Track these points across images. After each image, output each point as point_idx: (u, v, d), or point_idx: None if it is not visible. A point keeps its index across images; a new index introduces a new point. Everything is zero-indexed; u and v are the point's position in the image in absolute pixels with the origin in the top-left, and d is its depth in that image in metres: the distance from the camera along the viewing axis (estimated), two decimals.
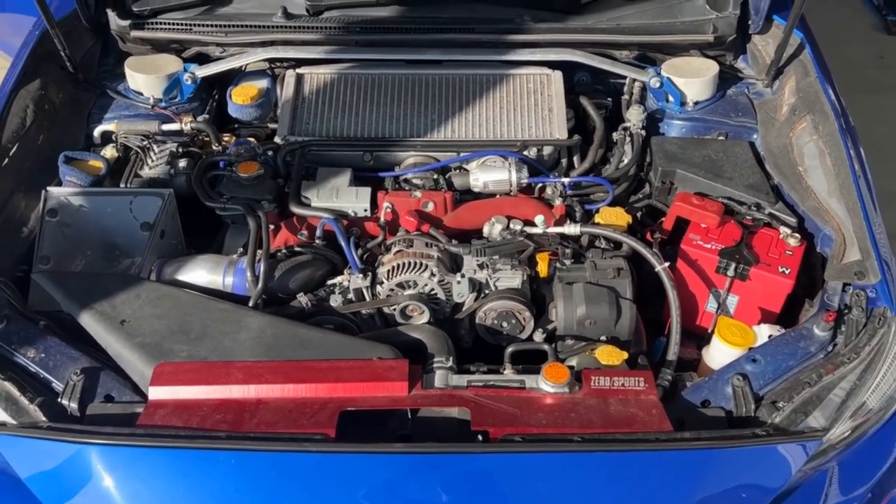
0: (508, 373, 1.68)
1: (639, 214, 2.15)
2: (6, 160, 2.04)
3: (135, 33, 2.39)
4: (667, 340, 1.82)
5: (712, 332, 1.86)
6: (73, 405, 1.61)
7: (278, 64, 2.44)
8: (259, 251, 1.89)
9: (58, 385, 1.66)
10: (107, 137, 2.28)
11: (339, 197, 2.04)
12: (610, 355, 1.72)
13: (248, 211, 1.98)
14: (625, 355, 1.73)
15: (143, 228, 1.97)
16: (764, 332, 1.82)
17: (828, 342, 1.73)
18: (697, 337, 1.98)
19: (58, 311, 1.83)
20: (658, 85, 2.33)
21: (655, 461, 1.51)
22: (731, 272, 1.92)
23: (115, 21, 2.39)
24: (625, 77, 2.41)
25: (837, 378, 1.66)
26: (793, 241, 1.95)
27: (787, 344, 1.74)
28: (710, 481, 1.55)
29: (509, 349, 1.75)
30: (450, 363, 1.69)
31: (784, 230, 1.98)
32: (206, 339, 1.71)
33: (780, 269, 1.90)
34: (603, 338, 1.79)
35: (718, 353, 1.81)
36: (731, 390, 1.66)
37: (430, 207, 2.01)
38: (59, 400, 1.62)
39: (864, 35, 4.64)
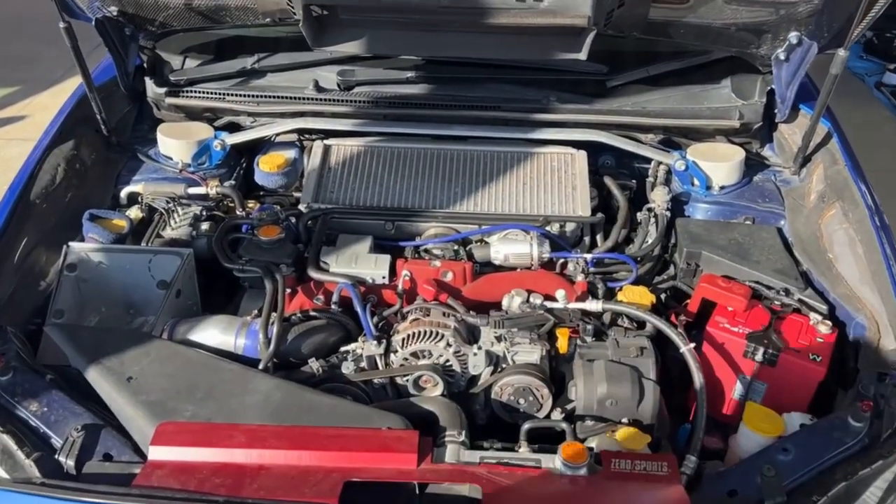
0: (524, 451, 1.61)
1: (663, 296, 2.10)
2: (31, 215, 2.07)
3: (170, 100, 2.46)
4: (692, 425, 1.73)
5: (740, 419, 1.77)
6: (70, 462, 1.56)
7: (307, 135, 2.48)
8: (273, 314, 1.86)
9: (57, 441, 1.61)
10: (133, 199, 2.31)
11: (357, 263, 2.02)
12: (633, 438, 1.64)
13: (265, 273, 1.96)
14: (648, 439, 1.65)
15: (159, 287, 1.96)
16: (795, 421, 1.73)
17: (863, 433, 1.63)
18: (723, 426, 1.89)
19: (66, 365, 1.79)
20: (683, 168, 2.33)
21: None
22: (759, 357, 1.85)
23: (152, 88, 2.47)
24: (649, 160, 2.41)
25: (874, 473, 1.55)
26: (824, 328, 1.88)
27: (820, 434, 1.64)
28: None
29: (525, 426, 1.68)
30: (462, 437, 1.62)
31: (815, 317, 1.91)
32: (211, 399, 1.66)
33: (811, 357, 1.83)
34: (625, 420, 1.71)
35: (746, 441, 1.72)
36: (760, 480, 1.55)
37: (450, 277, 1.98)
38: (56, 456, 1.57)
39: (893, 140, 4.69)
